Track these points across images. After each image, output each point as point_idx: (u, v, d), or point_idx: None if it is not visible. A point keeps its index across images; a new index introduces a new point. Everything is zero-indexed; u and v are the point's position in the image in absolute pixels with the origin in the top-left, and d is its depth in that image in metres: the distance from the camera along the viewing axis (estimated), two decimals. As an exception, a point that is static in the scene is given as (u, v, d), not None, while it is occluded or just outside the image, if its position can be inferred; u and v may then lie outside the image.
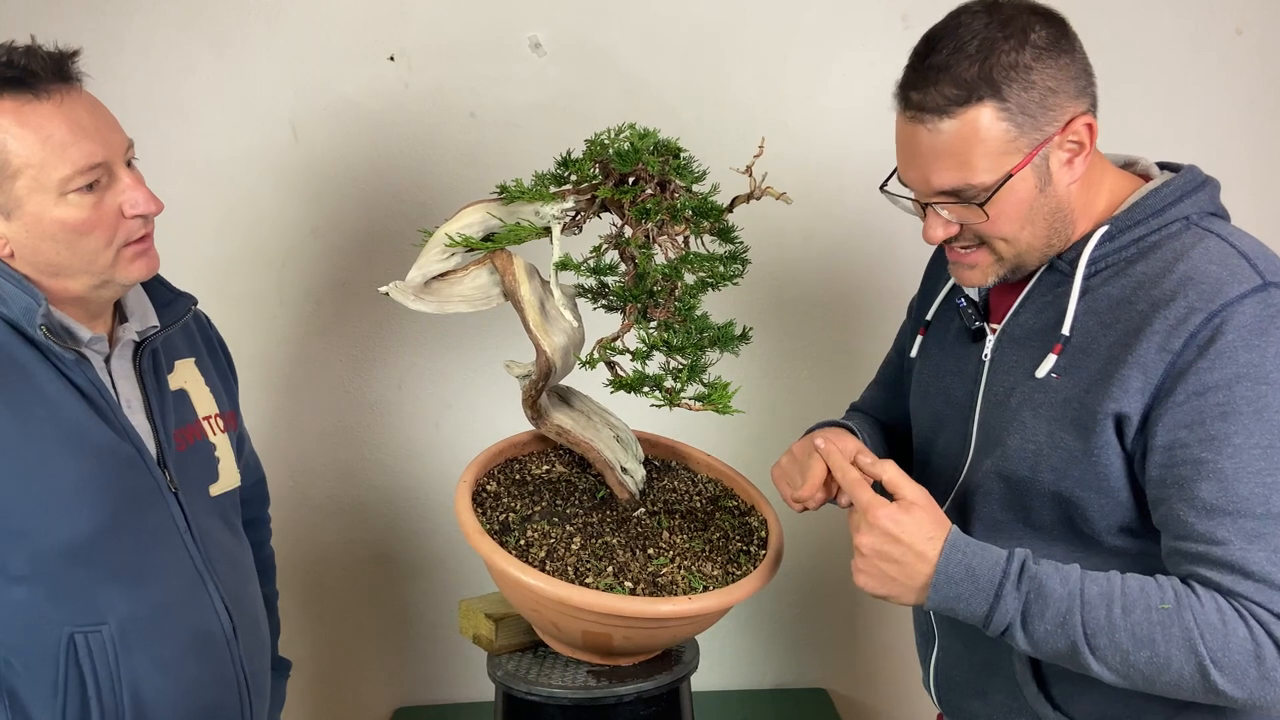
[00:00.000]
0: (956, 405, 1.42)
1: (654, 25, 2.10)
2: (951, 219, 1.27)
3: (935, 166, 1.24)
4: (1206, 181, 1.30)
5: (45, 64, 1.25)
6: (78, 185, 1.25)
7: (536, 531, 1.43)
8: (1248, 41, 2.18)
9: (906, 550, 1.23)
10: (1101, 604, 1.16)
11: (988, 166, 1.22)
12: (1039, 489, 1.29)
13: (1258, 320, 1.16)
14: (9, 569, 1.26)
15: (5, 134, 1.22)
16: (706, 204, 1.38)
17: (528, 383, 1.46)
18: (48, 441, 1.26)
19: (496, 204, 1.42)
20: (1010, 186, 1.23)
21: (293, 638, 2.21)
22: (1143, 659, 1.15)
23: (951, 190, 1.24)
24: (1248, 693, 1.13)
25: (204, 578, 1.39)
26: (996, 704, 1.40)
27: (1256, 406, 1.14)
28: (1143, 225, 1.27)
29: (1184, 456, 1.17)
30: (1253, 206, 1.34)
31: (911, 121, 1.25)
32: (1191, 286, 1.19)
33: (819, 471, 1.37)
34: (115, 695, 1.30)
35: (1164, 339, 1.19)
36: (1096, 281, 1.28)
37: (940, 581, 1.21)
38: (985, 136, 1.21)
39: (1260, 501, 1.13)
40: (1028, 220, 1.26)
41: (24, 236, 1.26)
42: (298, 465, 2.20)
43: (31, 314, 1.26)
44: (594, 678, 1.45)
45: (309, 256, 2.13)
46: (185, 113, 2.05)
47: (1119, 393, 1.21)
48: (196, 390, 1.48)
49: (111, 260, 1.30)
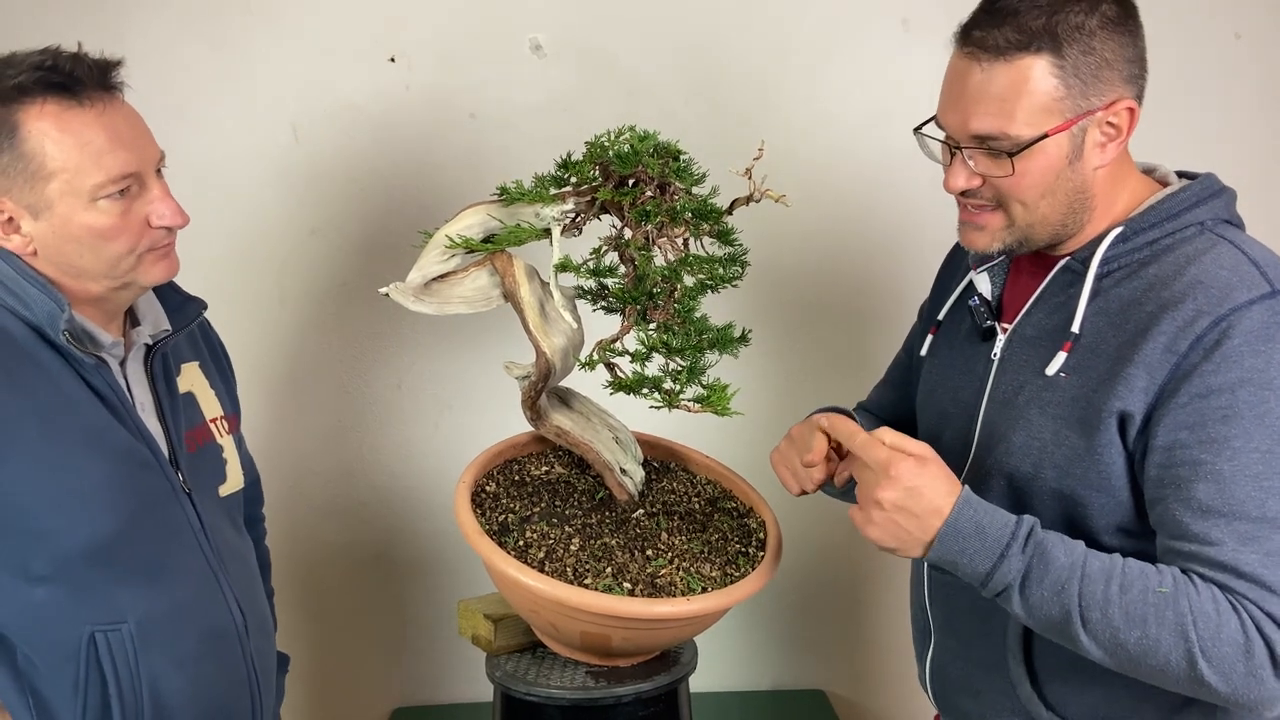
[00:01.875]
0: (962, 404, 1.42)
1: (654, 27, 2.10)
2: (977, 170, 1.27)
3: (977, 109, 1.24)
4: (1223, 190, 1.31)
5: (90, 72, 1.27)
6: (109, 193, 1.27)
7: (535, 532, 1.43)
8: (1246, 46, 2.19)
9: (927, 504, 1.22)
10: (1101, 578, 1.17)
11: (1027, 120, 1.22)
12: (1041, 486, 1.29)
13: (1265, 327, 1.17)
14: (31, 570, 1.27)
15: (44, 137, 1.24)
16: (706, 206, 1.38)
17: (527, 384, 1.46)
18: (70, 444, 1.27)
19: (497, 205, 1.43)
20: (1043, 147, 1.23)
21: (292, 638, 2.21)
22: (1133, 638, 1.15)
23: (986, 136, 1.24)
24: (1232, 688, 1.13)
25: (217, 576, 1.41)
26: (990, 702, 1.40)
27: (1259, 411, 1.15)
28: (1157, 229, 1.28)
29: (1183, 457, 1.17)
30: (1252, 210, 1.35)
31: (966, 59, 1.25)
32: (1201, 290, 1.20)
33: (821, 445, 1.37)
34: (135, 692, 1.32)
35: (1170, 340, 1.19)
36: (1109, 283, 1.29)
37: (948, 534, 1.21)
38: (1033, 89, 1.22)
39: (1256, 505, 1.14)
40: (1050, 190, 1.26)
41: (50, 237, 1.27)
42: (297, 465, 2.21)
43: (55, 319, 1.27)
44: (592, 678, 1.45)
45: (309, 257, 2.14)
46: (186, 113, 2.05)
47: (1124, 391, 1.21)
48: (203, 393, 1.50)
49: (133, 265, 1.32)
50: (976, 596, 1.37)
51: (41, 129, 1.24)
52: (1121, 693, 1.28)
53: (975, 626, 1.40)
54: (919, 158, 1.30)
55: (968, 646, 1.43)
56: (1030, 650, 1.35)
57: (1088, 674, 1.30)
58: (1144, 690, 1.25)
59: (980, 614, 1.39)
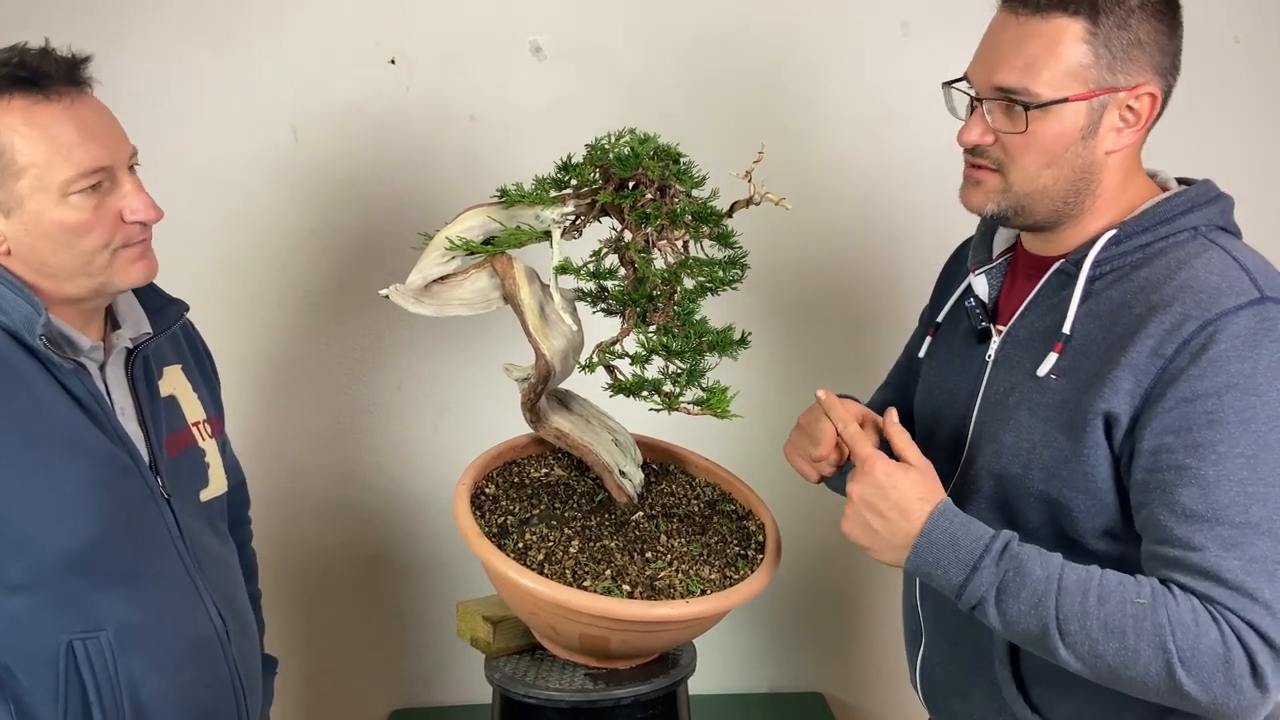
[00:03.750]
0: (957, 405, 1.43)
1: (654, 30, 2.10)
2: (992, 125, 1.28)
3: (1005, 61, 1.26)
4: (1219, 196, 1.31)
5: (58, 67, 1.25)
6: (80, 187, 1.25)
7: (535, 534, 1.43)
8: (1245, 50, 2.19)
9: (893, 506, 1.24)
10: (1078, 591, 1.17)
11: (1050, 80, 1.24)
12: (1028, 488, 1.30)
13: (1251, 332, 1.17)
14: (8, 578, 1.25)
15: (13, 133, 1.22)
16: (706, 209, 1.38)
17: (527, 386, 1.46)
18: (48, 451, 1.26)
19: (497, 208, 1.43)
20: (1060, 112, 1.24)
21: (289, 640, 2.21)
22: (1111, 650, 1.15)
23: (1008, 90, 1.25)
24: (1212, 697, 1.12)
25: (196, 582, 1.39)
26: (977, 704, 1.40)
27: (1244, 417, 1.15)
28: (1150, 232, 1.28)
29: (1168, 462, 1.17)
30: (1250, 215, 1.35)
31: (1005, 13, 1.28)
32: (1189, 294, 1.20)
33: (830, 432, 1.39)
34: (116, 700, 1.30)
35: (1158, 344, 1.19)
36: (1101, 285, 1.29)
37: (922, 545, 1.23)
38: (1063, 51, 1.23)
39: (1240, 510, 1.14)
40: (1057, 160, 1.27)
41: (22, 235, 1.26)
42: (295, 466, 2.20)
43: (32, 323, 1.25)
44: (591, 681, 1.45)
45: (308, 258, 2.14)
46: (185, 114, 2.05)
47: (1110, 393, 1.22)
48: (185, 396, 1.48)
49: (108, 262, 1.29)
50: None
51: (9, 124, 1.22)
52: (1106, 696, 1.28)
53: (963, 629, 1.40)
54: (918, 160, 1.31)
55: (956, 648, 1.43)
56: (1016, 654, 1.35)
57: (1073, 678, 1.30)
58: (1128, 694, 1.26)
59: (968, 616, 1.39)
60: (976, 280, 1.43)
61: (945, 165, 2.16)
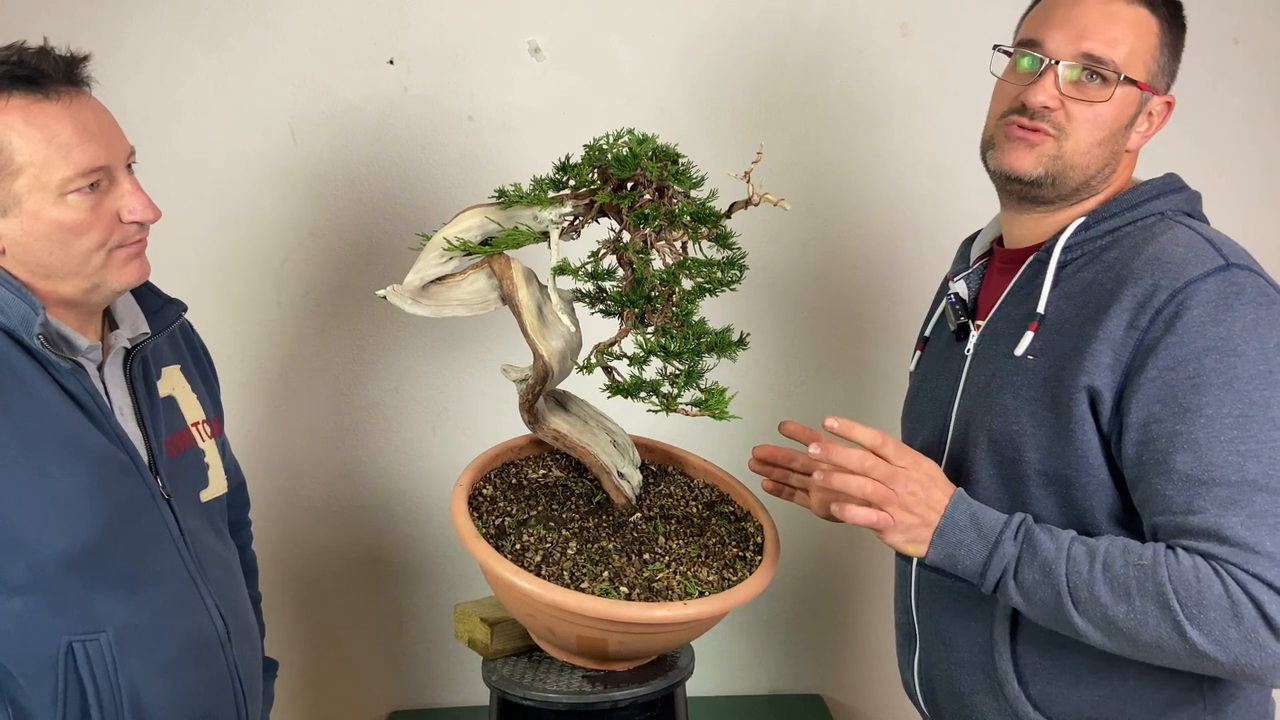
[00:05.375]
0: (938, 402, 1.46)
1: (653, 30, 2.10)
2: (1063, 92, 1.30)
3: (1097, 30, 1.30)
4: (1186, 188, 1.37)
5: (56, 66, 1.25)
6: (78, 186, 1.25)
7: (532, 536, 1.43)
8: (1245, 52, 2.19)
9: (925, 474, 1.27)
10: (1085, 558, 1.20)
11: (1129, 60, 1.30)
12: (1028, 470, 1.31)
13: (1221, 296, 1.20)
14: (7, 580, 1.25)
15: (11, 131, 1.22)
16: (704, 210, 1.38)
17: (525, 387, 1.46)
18: (46, 452, 1.25)
19: (495, 208, 1.43)
20: (1124, 95, 1.31)
21: (287, 641, 2.21)
22: (1121, 613, 1.16)
23: (1097, 58, 1.29)
24: (1232, 656, 1.13)
25: (197, 583, 1.39)
26: (976, 704, 1.41)
27: (1226, 378, 1.18)
28: (1118, 217, 1.33)
29: (1159, 431, 1.20)
30: (1249, 214, 1.36)
31: None
32: (1157, 266, 1.24)
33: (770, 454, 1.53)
34: (115, 702, 1.30)
35: (1132, 316, 1.23)
36: (1072, 269, 1.34)
37: (946, 528, 1.25)
38: (1144, 37, 1.31)
39: (1234, 469, 1.16)
40: (1104, 140, 1.33)
41: (18, 234, 1.25)
42: (293, 467, 2.20)
43: (29, 323, 1.25)
44: (589, 683, 1.45)
45: (307, 259, 2.13)
46: (184, 114, 2.05)
47: (1090, 367, 1.24)
48: (184, 397, 1.47)
49: (103, 262, 1.29)
50: (962, 596, 1.38)
51: (7, 123, 1.22)
52: (1108, 692, 1.28)
53: (961, 627, 1.41)
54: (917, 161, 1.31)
55: (953, 648, 1.43)
56: (1017, 650, 1.36)
57: (1074, 673, 1.31)
58: (1131, 690, 1.26)
59: (966, 614, 1.40)
60: (956, 285, 1.48)
61: (945, 165, 2.17)
